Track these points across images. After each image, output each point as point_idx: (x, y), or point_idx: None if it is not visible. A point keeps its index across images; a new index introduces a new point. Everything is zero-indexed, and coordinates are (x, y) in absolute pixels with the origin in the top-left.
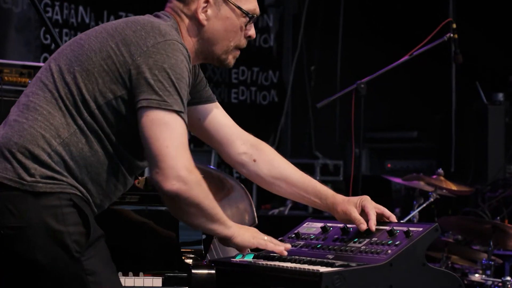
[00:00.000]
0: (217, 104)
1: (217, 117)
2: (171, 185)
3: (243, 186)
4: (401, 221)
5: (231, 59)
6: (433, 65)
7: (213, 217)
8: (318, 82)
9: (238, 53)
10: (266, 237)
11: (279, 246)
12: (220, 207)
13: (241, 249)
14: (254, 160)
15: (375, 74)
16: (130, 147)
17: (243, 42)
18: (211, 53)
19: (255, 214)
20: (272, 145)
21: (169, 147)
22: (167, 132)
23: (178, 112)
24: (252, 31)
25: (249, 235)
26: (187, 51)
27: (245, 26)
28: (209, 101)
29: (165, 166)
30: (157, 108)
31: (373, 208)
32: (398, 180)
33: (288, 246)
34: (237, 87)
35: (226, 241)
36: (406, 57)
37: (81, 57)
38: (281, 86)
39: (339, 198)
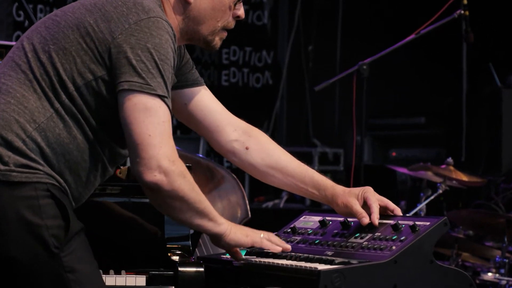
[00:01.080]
0: (205, 87)
1: (205, 101)
2: (152, 176)
3: (234, 176)
4: (407, 215)
5: (217, 41)
6: (441, 44)
7: (200, 212)
8: (316, 63)
9: (225, 34)
10: (262, 234)
11: (277, 246)
12: (209, 201)
13: (232, 248)
14: (247, 148)
15: (379, 54)
16: (112, 132)
17: (231, 23)
18: (197, 33)
19: (248, 207)
20: (266, 132)
21: (151, 135)
22: (150, 118)
23: (161, 97)
24: (241, 11)
25: (242, 233)
26: (173, 30)
27: (234, 5)
28: (196, 84)
29: (146, 156)
30: (139, 92)
31: (376, 200)
32: (403, 170)
33: (288, 247)
34: (228, 69)
35: (216, 239)
36: (412, 36)
37: (57, 35)
38: (276, 67)
39: (339, 189)
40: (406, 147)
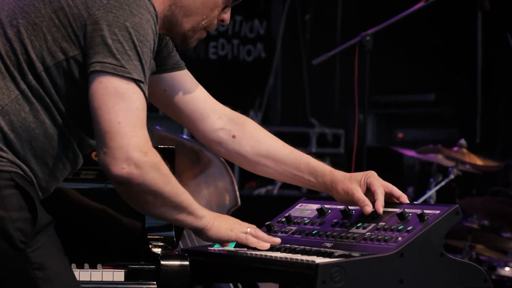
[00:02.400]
0: (186, 71)
1: (187, 87)
2: (121, 168)
3: (223, 160)
4: (415, 203)
5: (195, 40)
6: (454, 13)
7: (177, 206)
8: (315, 34)
9: (204, 35)
10: (249, 228)
11: (264, 243)
12: (194, 187)
13: (215, 242)
14: (234, 136)
15: (384, 24)
16: (81, 120)
17: (214, 25)
18: (179, 25)
19: (238, 193)
20: (258, 110)
21: (121, 123)
22: (122, 104)
23: (137, 81)
24: (227, 16)
25: (226, 227)
26: (155, 11)
27: (224, 8)
28: (176, 68)
29: (114, 146)
30: (112, 74)
31: (381, 186)
32: (411, 152)
33: (277, 240)
34: (216, 40)
35: (198, 233)
36: (421, 4)
37: (27, 8)
38: (269, 38)
39: (339, 175)
40: (414, 127)
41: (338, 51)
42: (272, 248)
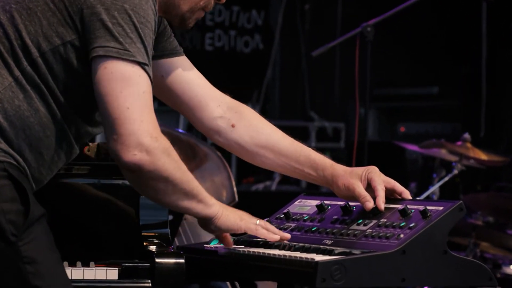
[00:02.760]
0: (184, 57)
1: (185, 73)
2: (132, 155)
3: (219, 154)
4: (417, 199)
5: (193, 20)
6: (458, 3)
7: (188, 193)
8: (314, 25)
9: (202, 14)
10: (258, 221)
11: (274, 235)
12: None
13: (223, 232)
14: (233, 126)
15: (386, 14)
16: (79, 107)
17: (211, 4)
18: (177, 7)
19: (235, 189)
20: (256, 103)
21: (130, 109)
22: (129, 89)
23: (141, 64)
24: None
25: (235, 216)
26: None
27: None
28: (174, 53)
29: (124, 132)
30: (116, 59)
31: (382, 182)
32: (413, 147)
33: (287, 236)
34: (213, 31)
35: (206, 222)
36: None
37: None
38: (267, 29)
39: (340, 169)
40: (417, 121)
41: (338, 43)
42: (271, 246)
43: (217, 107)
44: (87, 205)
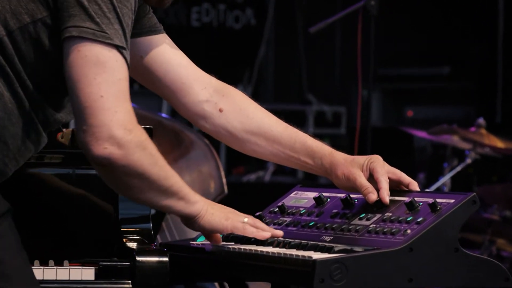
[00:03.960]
0: (164, 35)
1: (166, 53)
2: (102, 148)
3: (207, 142)
4: (426, 190)
5: None
6: None
7: (167, 189)
8: None
9: None
10: (246, 219)
11: (264, 232)
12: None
13: (207, 232)
14: (220, 110)
15: None
16: (48, 92)
17: None
18: None
19: (224, 180)
20: (247, 85)
21: (104, 97)
22: (104, 75)
23: (119, 48)
24: None
25: (221, 215)
26: None
27: None
28: (153, 31)
29: (95, 123)
30: (91, 41)
31: (385, 173)
32: (422, 133)
33: (280, 233)
34: (199, 5)
35: (189, 221)
36: None
37: None
38: (260, 3)
39: (339, 157)
40: (426, 105)
41: (338, 18)
42: (264, 243)
43: (203, 89)
44: (60, 197)
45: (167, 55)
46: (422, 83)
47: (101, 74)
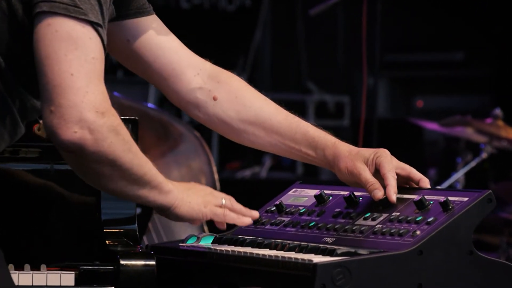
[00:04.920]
0: (154, 17)
1: (156, 36)
2: (71, 132)
3: (197, 134)
4: (437, 188)
5: None
6: None
7: (139, 179)
8: None
9: None
10: (224, 200)
11: (243, 218)
12: (162, 168)
13: (186, 222)
14: (215, 98)
15: None
16: (25, 76)
17: None
18: None
19: (216, 176)
20: (242, 72)
21: (74, 75)
22: (76, 52)
23: (94, 25)
24: None
25: (198, 201)
26: None
27: None
28: (142, 13)
29: (64, 103)
30: (63, 16)
31: (393, 168)
32: (433, 125)
33: (256, 214)
34: None
35: (165, 212)
36: None
37: None
38: None
39: (344, 149)
40: (437, 94)
41: None
42: (259, 245)
43: (196, 76)
44: (37, 196)
45: (157, 39)
46: (434, 70)
47: (73, 51)
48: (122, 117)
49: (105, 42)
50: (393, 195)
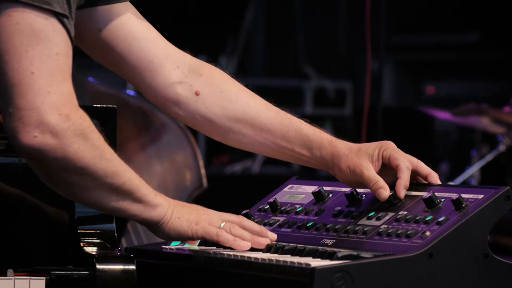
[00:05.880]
0: (127, 4)
1: (130, 25)
2: (31, 137)
3: (182, 125)
4: (450, 183)
5: None
6: None
7: (117, 189)
8: None
9: None
10: (222, 223)
11: (242, 242)
12: (143, 162)
13: (174, 240)
14: (197, 93)
15: None
16: None
17: None
18: None
19: (203, 171)
20: (231, 55)
21: (35, 74)
22: (37, 47)
23: (59, 16)
24: None
25: (190, 218)
26: None
27: None
28: None
29: (23, 105)
30: (25, 6)
31: (406, 159)
32: (445, 114)
33: (264, 241)
34: None
35: (151, 228)
36: None
37: None
38: None
39: (342, 147)
40: (450, 79)
41: None
42: (252, 247)
43: (175, 69)
44: (3, 193)
45: (131, 28)
46: (446, 52)
47: (34, 46)
48: (98, 105)
49: (72, 34)
50: (402, 191)
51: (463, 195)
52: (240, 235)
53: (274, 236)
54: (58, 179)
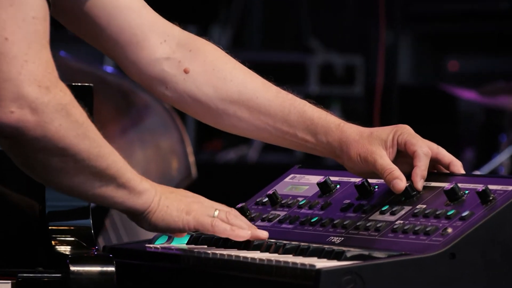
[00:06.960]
0: None
1: None
2: (8, 113)
3: (167, 106)
4: (475, 173)
5: None
6: None
7: (100, 173)
8: None
9: None
10: (217, 211)
11: (241, 231)
12: (123, 147)
13: (162, 232)
14: (186, 71)
15: None
16: None
17: None
18: None
19: (192, 159)
20: (225, 27)
21: (9, 40)
22: (10, 9)
23: None
24: None
25: (181, 206)
26: None
27: None
28: None
29: None
30: None
31: (425, 145)
32: (471, 94)
33: (265, 234)
34: None
35: (136, 217)
36: None
37: None
38: None
39: (352, 131)
40: (476, 54)
41: None
42: (249, 246)
43: (162, 43)
44: None
45: None
46: (471, 23)
47: (7, 9)
48: (73, 83)
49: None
50: (420, 181)
51: (490, 187)
52: (238, 224)
53: (266, 234)
54: (35, 161)
